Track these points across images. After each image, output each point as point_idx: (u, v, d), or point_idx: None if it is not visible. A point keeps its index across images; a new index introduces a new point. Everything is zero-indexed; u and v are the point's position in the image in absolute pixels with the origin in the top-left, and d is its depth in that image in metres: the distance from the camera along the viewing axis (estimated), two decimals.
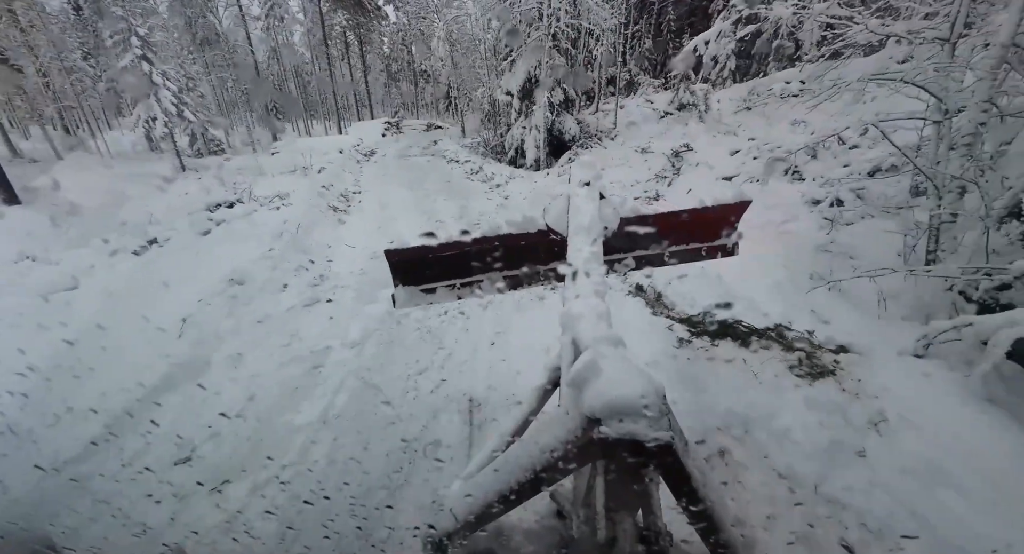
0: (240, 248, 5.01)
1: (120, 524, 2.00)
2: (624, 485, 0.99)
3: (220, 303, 3.89)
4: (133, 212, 9.13)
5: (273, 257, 4.79)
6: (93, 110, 22.91)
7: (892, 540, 1.80)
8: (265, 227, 5.87)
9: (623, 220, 1.79)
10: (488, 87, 12.63)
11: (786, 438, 2.19)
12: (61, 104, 20.49)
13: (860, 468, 2.05)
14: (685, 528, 0.98)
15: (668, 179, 8.62)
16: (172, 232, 6.16)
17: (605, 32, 10.17)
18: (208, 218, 6.33)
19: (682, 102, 11.70)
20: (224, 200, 7.10)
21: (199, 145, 20.72)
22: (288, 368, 3.18)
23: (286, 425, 2.60)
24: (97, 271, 5.02)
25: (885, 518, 1.86)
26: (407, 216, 7.28)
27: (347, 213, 7.59)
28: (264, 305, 4.02)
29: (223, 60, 29.55)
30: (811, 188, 6.32)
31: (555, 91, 10.66)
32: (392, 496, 2.15)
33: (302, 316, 3.96)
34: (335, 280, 4.76)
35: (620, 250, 1.98)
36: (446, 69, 20.86)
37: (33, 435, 2.54)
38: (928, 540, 1.76)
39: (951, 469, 1.98)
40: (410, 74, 36.42)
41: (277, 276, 4.50)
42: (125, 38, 15.74)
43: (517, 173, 10.68)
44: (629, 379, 0.81)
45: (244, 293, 4.10)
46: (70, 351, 3.19)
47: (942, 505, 1.87)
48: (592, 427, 0.81)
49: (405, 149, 16.71)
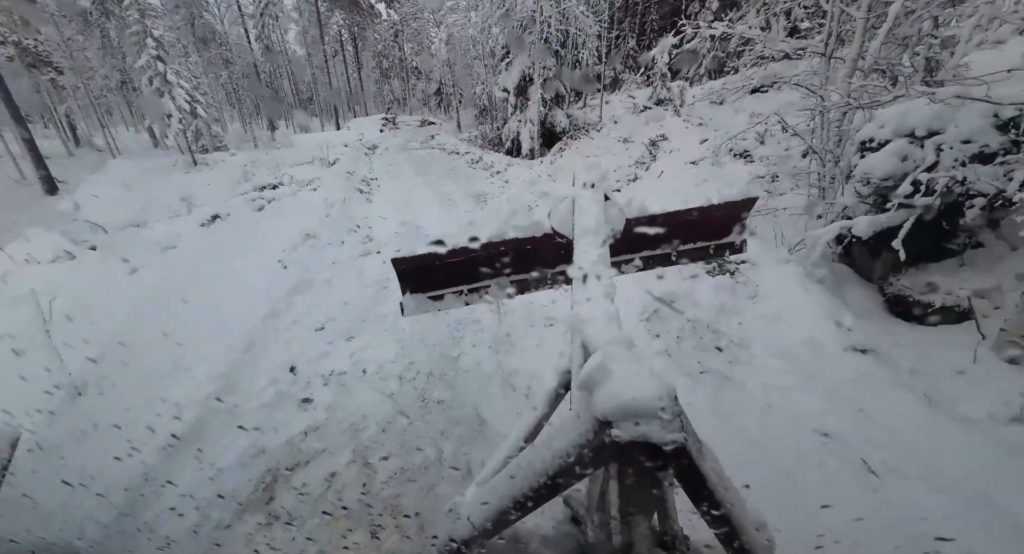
0: (300, 218, 6.29)
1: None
2: (639, 489, 0.97)
3: (303, 250, 5.19)
4: (170, 198, 10.30)
5: (330, 222, 6.10)
6: (99, 108, 23.63)
7: (746, 350, 3.20)
8: (311, 203, 7.15)
9: (629, 221, 1.80)
10: (486, 85, 13.92)
11: (697, 303, 3.60)
12: (73, 102, 21.22)
13: (735, 316, 3.46)
14: (704, 532, 0.96)
15: (646, 164, 10.02)
16: (230, 209, 7.39)
17: (590, 37, 11.51)
18: (259, 197, 7.57)
19: (659, 97, 13.13)
20: (268, 183, 8.33)
21: (203, 141, 21.60)
22: (364, 289, 4.50)
23: (376, 313, 3.94)
24: (184, 237, 6.26)
25: (744, 338, 3.26)
26: (424, 195, 8.59)
27: (371, 194, 8.87)
28: (332, 253, 5.34)
29: (219, 58, 30.18)
30: (756, 168, 7.76)
31: (547, 88, 11.99)
32: (456, 344, 3.51)
33: (361, 261, 5.28)
34: (378, 240, 6.06)
35: (627, 251, 1.97)
36: (442, 68, 22.02)
37: (215, 309, 3.83)
38: (762, 345, 3.17)
39: (787, 315, 3.39)
40: (401, 71, 37.21)
41: (336, 235, 5.80)
42: (140, 39, 16.68)
43: (514, 162, 12.01)
44: (640, 381, 0.80)
45: (317, 244, 5.40)
46: (214, 280, 4.49)
47: (779, 332, 3.28)
48: (604, 430, 0.80)
49: (405, 143, 17.87)
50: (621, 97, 15.96)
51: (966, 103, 3.11)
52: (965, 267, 3.38)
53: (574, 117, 13.28)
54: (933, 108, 3.25)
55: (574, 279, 1.37)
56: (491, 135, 15.11)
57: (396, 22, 33.64)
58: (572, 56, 12.55)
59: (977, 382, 2.57)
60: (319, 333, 3.65)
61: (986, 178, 2.89)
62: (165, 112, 17.54)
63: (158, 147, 24.30)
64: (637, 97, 14.73)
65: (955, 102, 3.13)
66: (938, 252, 3.54)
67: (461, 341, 3.55)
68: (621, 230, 1.68)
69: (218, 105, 31.54)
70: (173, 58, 22.53)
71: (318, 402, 2.86)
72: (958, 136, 3.07)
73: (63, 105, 21.35)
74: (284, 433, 2.58)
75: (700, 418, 1.61)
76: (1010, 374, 2.56)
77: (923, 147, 3.32)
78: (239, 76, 32.33)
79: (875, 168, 3.49)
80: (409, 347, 3.45)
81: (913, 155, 3.38)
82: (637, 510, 0.99)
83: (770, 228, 4.94)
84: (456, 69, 19.36)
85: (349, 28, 33.27)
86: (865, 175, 3.60)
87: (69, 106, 21.24)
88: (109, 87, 24.27)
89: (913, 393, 2.55)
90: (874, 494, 2.07)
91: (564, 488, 0.92)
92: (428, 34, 28.65)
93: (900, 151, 3.42)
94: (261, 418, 2.70)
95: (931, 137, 3.28)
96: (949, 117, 3.23)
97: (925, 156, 3.29)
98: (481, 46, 13.74)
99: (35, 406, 2.63)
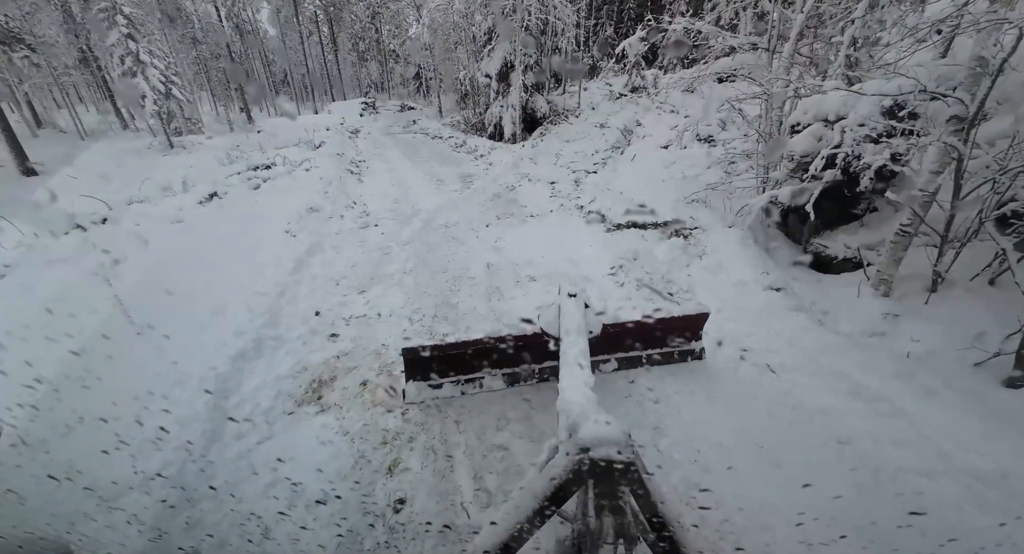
0: (300, 194, 6.73)
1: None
2: (606, 497, 1.30)
3: (308, 221, 5.69)
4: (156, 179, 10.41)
5: (329, 198, 6.57)
6: (64, 88, 22.66)
7: (692, 294, 3.95)
8: (307, 182, 7.56)
9: (606, 326, 2.08)
10: (469, 70, 14.29)
11: (655, 259, 4.34)
12: (34, 81, 20.33)
13: (685, 270, 4.22)
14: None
15: (621, 148, 10.73)
16: (227, 187, 7.71)
17: (568, 25, 12.03)
18: (254, 176, 7.91)
19: (634, 85, 13.81)
20: (260, 163, 8.65)
21: (176, 123, 21.11)
22: (368, 254, 5.08)
23: (383, 272, 4.54)
24: (187, 212, 6.61)
25: (691, 285, 4.03)
26: (413, 176, 9.08)
27: (362, 175, 9.29)
28: (335, 225, 5.85)
29: (188, 38, 29.08)
30: (718, 151, 8.57)
31: (528, 75, 12.49)
32: (454, 295, 4.15)
33: (362, 232, 5.82)
34: (375, 215, 6.59)
35: (604, 352, 2.33)
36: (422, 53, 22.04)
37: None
38: (703, 289, 3.94)
39: (725, 267, 4.17)
40: (379, 54, 36.56)
41: (336, 209, 6.30)
42: (110, 16, 16.17)
43: (497, 146, 12.53)
44: (607, 426, 1.26)
45: (320, 217, 5.90)
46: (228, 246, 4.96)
47: (718, 279, 4.05)
48: (584, 454, 1.22)
49: (387, 127, 18.07)
50: (599, 84, 16.56)
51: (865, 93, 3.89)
52: (864, 228, 4.23)
53: (554, 103, 13.83)
54: (840, 96, 4.02)
55: (561, 371, 1.69)
56: (474, 120, 15.52)
57: (374, 3, 33.01)
58: (552, 44, 13.04)
59: (856, 309, 3.40)
60: (337, 287, 4.23)
61: (872, 155, 3.69)
62: (140, 93, 17.14)
63: (127, 129, 23.54)
64: (614, 84, 15.37)
65: (856, 92, 3.90)
66: (846, 216, 4.38)
67: (459, 292, 4.20)
68: (599, 332, 1.99)
69: (188, 86, 30.48)
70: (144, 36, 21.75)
71: (344, 336, 3.47)
72: (856, 120, 3.86)
73: (22, 85, 20.42)
74: (320, 356, 3.20)
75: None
76: (880, 303, 3.40)
77: (833, 129, 4.11)
78: (208, 57, 31.22)
79: (797, 146, 4.27)
80: (415, 297, 4.08)
81: (826, 136, 4.16)
82: (607, 512, 1.33)
83: (722, 201, 5.73)
84: (436, 54, 19.50)
85: (325, 8, 32.48)
86: (790, 152, 4.38)
87: (32, 84, 20.33)
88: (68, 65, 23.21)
89: (808, 316, 3.36)
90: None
91: (559, 505, 1.30)
92: (407, 17, 28.33)
93: (816, 132, 4.20)
94: (299, 346, 3.31)
95: (838, 121, 4.07)
96: (852, 104, 4.01)
97: (834, 137, 4.08)
98: (463, 32, 14.05)
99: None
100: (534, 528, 1.30)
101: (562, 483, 1.26)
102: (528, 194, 7.36)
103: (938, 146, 2.95)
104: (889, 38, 4.26)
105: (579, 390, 1.58)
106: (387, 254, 5.07)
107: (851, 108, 4.00)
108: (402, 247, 5.26)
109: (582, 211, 6.69)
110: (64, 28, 21.95)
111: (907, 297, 3.36)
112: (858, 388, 2.73)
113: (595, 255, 4.64)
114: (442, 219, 6.16)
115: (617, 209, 6.10)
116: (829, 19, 4.90)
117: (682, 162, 8.60)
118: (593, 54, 20.49)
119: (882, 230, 3.98)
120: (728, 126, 9.43)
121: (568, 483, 1.27)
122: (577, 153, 10.75)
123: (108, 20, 16.35)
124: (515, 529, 1.29)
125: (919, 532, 1.92)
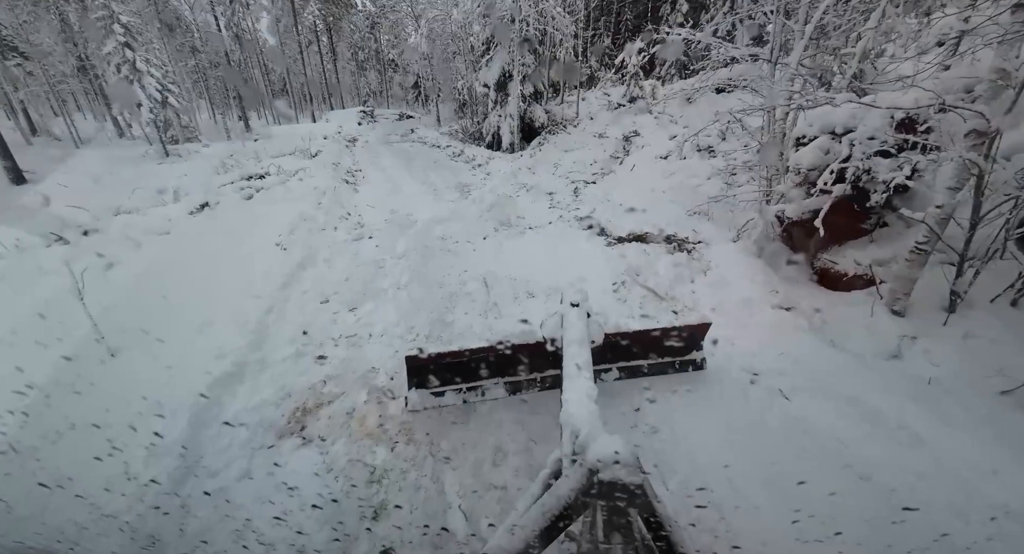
0: (293, 204, 6.57)
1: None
2: (615, 516, 1.26)
3: (301, 233, 5.52)
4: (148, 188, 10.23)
5: (322, 209, 6.41)
6: (61, 96, 22.58)
7: (696, 312, 3.79)
8: (301, 192, 7.40)
9: (608, 335, 2.09)
10: (467, 80, 14.26)
11: (657, 273, 4.19)
12: (30, 89, 20.24)
13: (689, 285, 4.07)
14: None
15: (619, 158, 10.64)
16: (219, 197, 7.55)
17: (566, 36, 12.04)
18: (247, 186, 7.75)
19: (632, 95, 13.81)
20: (254, 173, 8.50)
21: (173, 132, 21.00)
22: (362, 267, 4.90)
23: (376, 287, 4.36)
24: (175, 223, 6.44)
25: (696, 302, 3.87)
26: (409, 186, 8.94)
27: (358, 184, 9.15)
28: (328, 237, 5.68)
29: (187, 46, 29.16)
30: (718, 162, 8.48)
31: (526, 84, 12.46)
32: (450, 312, 3.97)
33: (355, 245, 5.64)
34: (369, 226, 6.42)
35: (606, 361, 2.30)
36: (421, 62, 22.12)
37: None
38: (708, 305, 3.78)
39: (730, 283, 4.02)
40: (378, 63, 36.75)
41: (330, 221, 6.14)
42: (107, 25, 16.13)
43: (495, 155, 12.45)
44: (615, 446, 1.22)
45: (312, 228, 5.73)
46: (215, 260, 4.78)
47: (723, 296, 3.89)
48: (592, 476, 1.18)
49: (385, 136, 17.98)
50: (597, 94, 16.59)
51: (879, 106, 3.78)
52: (874, 243, 4.09)
53: (552, 113, 13.80)
54: (848, 109, 3.91)
55: (564, 382, 1.68)
56: (472, 129, 15.47)
57: (373, 13, 33.26)
58: (550, 54, 13.05)
59: (870, 329, 3.24)
60: (327, 304, 4.05)
61: (884, 169, 3.56)
62: (135, 101, 17.04)
63: (123, 137, 23.41)
64: (612, 94, 15.38)
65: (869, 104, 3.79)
66: (855, 231, 4.24)
67: (454, 310, 4.03)
68: (601, 341, 2.02)
69: (187, 95, 30.48)
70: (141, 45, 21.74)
71: (332, 357, 3.28)
72: (865, 134, 3.74)
73: (17, 92, 20.32)
74: (306, 380, 3.01)
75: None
76: (895, 323, 3.24)
77: (841, 142, 3.99)
78: (207, 65, 31.28)
79: (803, 159, 4.15)
80: (409, 314, 3.90)
81: (833, 149, 4.04)
82: (616, 534, 1.30)
83: (725, 214, 5.60)
84: (435, 63, 19.56)
85: (324, 18, 32.69)
86: (796, 166, 4.26)
87: (28, 92, 20.23)
88: (66, 73, 23.15)
89: (820, 338, 3.20)
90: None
91: (568, 524, 1.26)
92: (406, 27, 28.51)
93: (823, 145, 4.09)
94: (285, 369, 3.12)
95: (847, 134, 3.95)
96: (861, 117, 3.90)
97: (842, 150, 3.96)
98: (461, 42, 14.06)
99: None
100: (540, 549, 1.25)
101: (569, 504, 1.24)
102: (526, 205, 7.23)
103: (957, 161, 2.82)
104: (897, 51, 4.17)
105: (582, 403, 1.56)
106: (381, 268, 4.90)
107: (860, 121, 3.89)
108: (397, 260, 5.09)
109: (581, 223, 6.56)
110: (62, 37, 21.94)
111: (924, 317, 3.21)
112: (869, 408, 2.56)
113: (596, 271, 4.49)
114: (439, 231, 6.01)
115: (617, 221, 5.96)
116: (833, 30, 4.82)
117: (681, 173, 8.51)
118: (591, 64, 20.61)
119: (894, 246, 3.85)
120: (728, 137, 9.39)
121: (576, 505, 1.24)
122: (575, 163, 10.66)
123: (105, 29, 16.31)
124: (522, 549, 1.23)
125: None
